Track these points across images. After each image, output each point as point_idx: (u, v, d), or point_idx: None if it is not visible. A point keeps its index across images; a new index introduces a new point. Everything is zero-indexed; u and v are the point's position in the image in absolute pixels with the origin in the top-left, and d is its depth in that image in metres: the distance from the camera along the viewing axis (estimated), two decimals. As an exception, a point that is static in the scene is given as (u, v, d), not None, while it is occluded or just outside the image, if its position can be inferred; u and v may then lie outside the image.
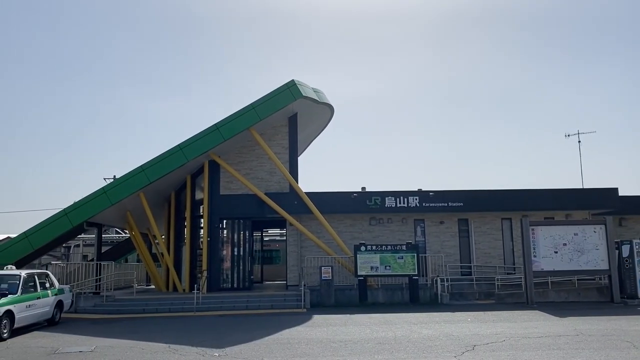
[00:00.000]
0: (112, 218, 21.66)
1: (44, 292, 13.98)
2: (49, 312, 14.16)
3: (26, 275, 13.54)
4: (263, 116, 19.94)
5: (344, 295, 18.73)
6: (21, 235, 19.65)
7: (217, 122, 19.87)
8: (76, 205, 19.71)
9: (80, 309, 17.70)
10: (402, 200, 20.88)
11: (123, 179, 19.74)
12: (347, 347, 10.25)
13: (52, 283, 14.91)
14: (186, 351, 10.00)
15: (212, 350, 9.98)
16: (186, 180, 21.59)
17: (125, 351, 10.09)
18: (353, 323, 13.81)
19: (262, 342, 10.87)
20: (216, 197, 20.96)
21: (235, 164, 21.21)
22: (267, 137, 21.27)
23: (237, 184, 20.99)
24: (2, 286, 12.78)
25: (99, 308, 17.76)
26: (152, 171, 19.44)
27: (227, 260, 21.19)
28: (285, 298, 18.35)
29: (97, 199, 19.33)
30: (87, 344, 10.94)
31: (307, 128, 23.76)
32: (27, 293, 13.16)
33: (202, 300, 17.39)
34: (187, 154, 19.61)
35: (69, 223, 19.21)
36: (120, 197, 19.32)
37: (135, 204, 20.38)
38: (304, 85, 20.59)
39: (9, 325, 11.95)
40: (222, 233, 21.42)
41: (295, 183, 20.81)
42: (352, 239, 20.87)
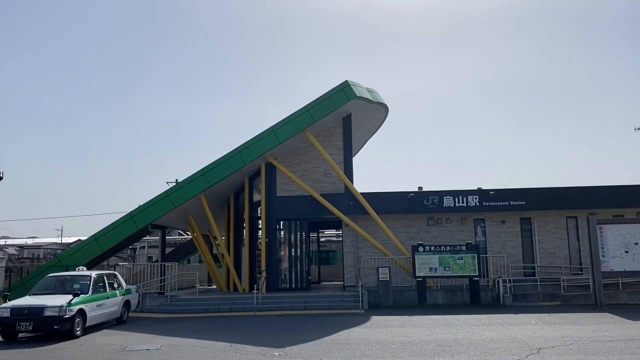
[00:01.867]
0: (175, 220, 22.39)
1: (112, 292, 14.63)
2: (117, 312, 14.80)
3: (96, 276, 14.22)
4: (317, 118, 20.07)
5: (402, 297, 18.55)
6: (91, 238, 20.70)
7: (273, 125, 20.18)
8: (141, 209, 20.54)
9: (146, 308, 18.40)
10: (461, 200, 20.45)
11: (185, 183, 20.39)
12: (407, 348, 10.14)
13: (120, 283, 15.57)
14: (247, 350, 10.20)
15: (272, 350, 10.13)
16: (244, 182, 22.02)
17: (189, 349, 10.40)
18: (412, 324, 13.66)
19: (320, 342, 10.93)
20: (273, 199, 21.27)
21: (290, 166, 21.44)
22: (322, 139, 21.38)
23: (293, 185, 21.22)
24: (75, 286, 13.48)
25: (164, 307, 18.38)
26: (212, 174, 19.98)
27: (285, 260, 21.46)
28: (343, 299, 18.37)
29: (160, 202, 20.07)
30: (153, 342, 11.36)
31: (361, 128, 23.70)
32: (97, 293, 13.79)
33: (262, 300, 17.68)
34: (244, 157, 20.02)
35: (134, 225, 20.05)
36: (182, 200, 19.97)
37: (196, 206, 21.00)
38: (357, 86, 20.57)
39: (81, 323, 12.57)
40: (280, 234, 21.71)
41: (350, 184, 20.81)
42: (410, 239, 20.63)
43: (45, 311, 11.96)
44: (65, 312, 12.00)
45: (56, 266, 19.83)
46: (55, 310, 11.95)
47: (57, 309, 11.96)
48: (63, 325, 11.94)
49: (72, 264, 19.08)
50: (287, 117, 20.24)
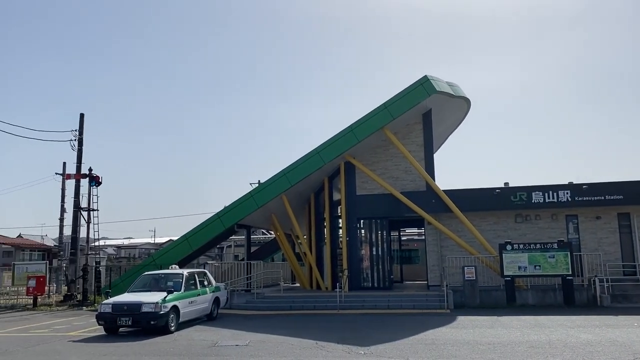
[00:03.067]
0: (258, 220, 23.01)
1: (203, 290, 15.27)
2: (207, 308, 15.42)
3: (188, 274, 14.90)
4: (396, 115, 19.84)
5: (489, 296, 17.93)
6: (182, 238, 21.75)
7: (351, 124, 20.20)
8: (227, 209, 21.31)
9: (234, 305, 19.04)
10: (551, 195, 19.42)
11: (267, 183, 20.91)
12: (496, 349, 9.79)
13: (210, 281, 16.21)
14: (333, 348, 10.28)
15: (357, 348, 10.14)
16: (324, 182, 22.21)
17: (276, 346, 10.64)
18: (501, 325, 13.16)
19: (406, 342, 10.80)
20: (353, 198, 21.28)
21: (370, 164, 21.35)
22: (401, 136, 21.11)
23: (373, 184, 21.12)
24: (168, 284, 14.20)
25: (250, 304, 18.95)
26: (292, 175, 20.34)
27: (367, 259, 21.41)
28: (427, 298, 18.05)
29: (245, 202, 20.73)
30: (242, 339, 11.73)
31: (442, 123, 23.17)
32: (189, 290, 14.44)
33: (345, 298, 17.75)
34: (323, 156, 20.19)
35: (221, 225, 20.84)
36: (265, 200, 20.50)
37: (278, 206, 21.47)
38: (437, 80, 20.11)
39: (175, 319, 13.22)
40: (360, 233, 21.69)
41: (432, 181, 20.40)
42: (496, 237, 19.87)
43: (143, 307, 12.69)
44: (160, 308, 12.68)
45: (151, 265, 21.03)
46: (152, 307, 12.64)
47: (153, 305, 12.65)
48: (159, 321, 12.61)
49: (165, 262, 20.16)
50: (365, 115, 20.18)
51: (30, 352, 10.61)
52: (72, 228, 25.65)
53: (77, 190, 25.23)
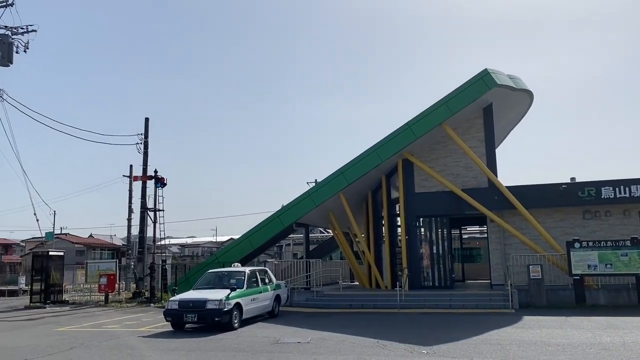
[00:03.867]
0: (316, 218, 23.17)
1: (264, 287, 15.54)
2: (269, 305, 15.68)
3: (249, 272, 15.21)
4: (455, 110, 19.44)
5: (556, 296, 17.26)
6: (243, 237, 22.23)
7: (409, 121, 19.96)
8: (286, 208, 21.60)
9: (294, 302, 19.26)
10: (623, 190, 18.43)
11: (324, 182, 21.01)
12: (566, 351, 9.41)
13: (271, 279, 16.48)
14: (394, 347, 10.20)
15: (419, 348, 10.02)
16: (381, 180, 22.07)
17: (337, 344, 10.69)
18: (570, 326, 12.64)
19: (470, 342, 10.57)
20: (411, 196, 21.02)
21: (429, 161, 21.02)
22: (461, 131, 20.64)
23: (432, 181, 20.78)
24: (231, 281, 14.55)
25: (310, 302, 19.11)
26: (349, 173, 20.33)
27: (427, 258, 21.10)
28: (491, 298, 17.58)
29: (303, 201, 20.93)
30: (303, 336, 11.85)
31: (504, 118, 22.48)
32: (251, 288, 14.73)
33: (405, 297, 17.58)
34: (381, 154, 20.07)
35: (280, 224, 21.14)
36: (322, 198, 20.61)
37: (336, 204, 21.52)
38: (498, 73, 19.54)
39: (238, 316, 13.52)
40: (420, 231, 21.40)
41: (494, 177, 19.84)
42: (563, 234, 19.07)
43: (207, 304, 13.05)
44: (224, 305, 13.00)
45: (214, 263, 21.62)
46: (216, 304, 12.98)
47: (217, 302, 12.99)
48: (223, 318, 12.94)
49: (228, 260, 20.66)
50: (423, 111, 19.88)
51: (104, 347, 11.15)
52: (140, 228, 26.77)
53: (143, 191, 26.29)
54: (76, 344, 11.47)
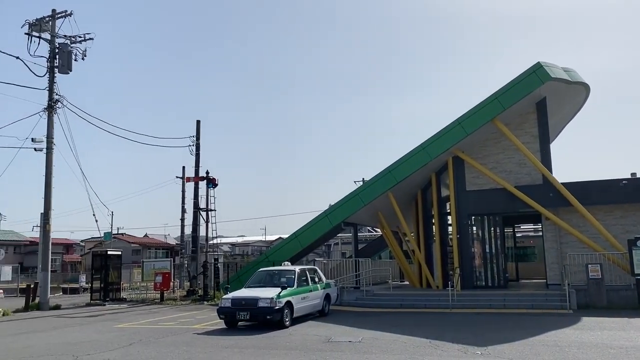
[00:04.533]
0: (365, 217, 23.11)
1: (314, 286, 15.62)
2: (319, 304, 15.75)
3: (299, 271, 15.33)
4: (507, 105, 18.93)
5: (617, 296, 16.54)
6: (292, 236, 22.43)
7: (459, 117, 19.60)
8: (334, 207, 21.64)
9: (344, 302, 19.28)
10: (688, 185, 17.47)
11: (372, 181, 20.92)
12: (630, 354, 9.01)
13: (320, 278, 16.55)
14: (447, 347, 10.05)
15: (473, 348, 9.83)
16: (431, 178, 21.76)
17: (389, 344, 10.62)
18: (633, 327, 12.10)
19: (526, 343, 10.28)
20: (462, 194, 20.62)
21: (480, 158, 20.56)
22: (514, 127, 20.08)
23: (484, 178, 20.31)
24: (282, 280, 14.70)
25: (360, 301, 19.07)
26: (398, 172, 20.16)
27: (479, 257, 20.65)
28: (547, 298, 17.05)
29: (351, 200, 20.91)
30: (354, 335, 11.85)
31: (558, 112, 21.72)
32: (301, 286, 14.84)
33: (457, 297, 17.29)
34: (430, 152, 19.79)
35: (329, 223, 21.21)
36: (371, 198, 20.53)
37: (384, 203, 21.39)
38: (551, 66, 18.89)
39: (289, 314, 13.65)
40: (472, 230, 20.96)
41: (548, 173, 19.20)
42: (624, 232, 18.22)
43: (259, 302, 13.24)
44: (275, 303, 13.15)
45: (264, 262, 21.91)
46: (267, 302, 13.15)
47: (269, 300, 13.16)
48: (274, 316, 13.10)
49: (277, 259, 20.91)
50: (474, 107, 19.47)
51: (161, 343, 11.50)
52: (193, 227, 27.48)
53: (196, 192, 26.98)
54: (135, 340, 11.88)
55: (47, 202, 21.96)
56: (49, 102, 22.09)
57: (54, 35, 22.34)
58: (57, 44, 22.29)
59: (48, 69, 22.17)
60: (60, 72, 22.28)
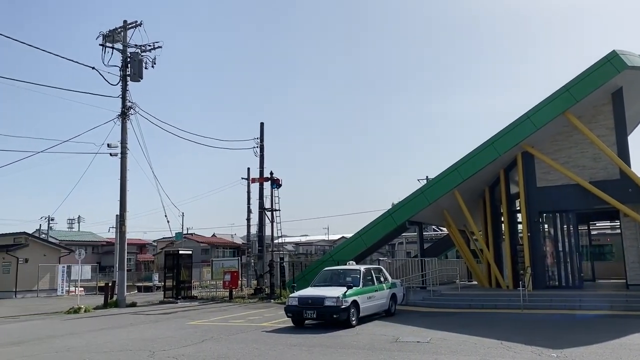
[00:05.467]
0: (430, 216, 22.76)
1: (380, 286, 15.53)
2: (385, 304, 15.64)
3: (365, 270, 15.29)
4: (579, 97, 18.08)
5: None
6: (355, 235, 22.43)
7: (528, 111, 18.92)
8: (398, 206, 21.47)
9: (410, 302, 19.05)
10: None
11: (437, 179, 20.57)
12: None
13: (386, 277, 16.43)
14: (520, 349, 9.72)
15: (548, 351, 9.45)
16: (499, 174, 21.11)
17: (458, 344, 10.40)
18: None
19: (605, 346, 9.77)
20: (533, 190, 19.86)
21: (551, 153, 19.73)
22: (587, 120, 19.13)
23: (555, 174, 19.49)
24: (347, 279, 14.70)
25: (427, 302, 18.80)
26: (464, 169, 19.72)
27: (551, 256, 19.84)
28: (627, 299, 16.16)
29: (415, 199, 20.65)
30: (422, 335, 11.69)
31: (636, 102, 20.47)
32: (367, 286, 14.79)
33: (528, 297, 16.69)
34: (498, 148, 19.22)
35: (393, 222, 21.04)
36: (436, 196, 20.20)
37: (450, 201, 20.97)
38: (628, 54, 17.86)
39: (356, 314, 13.63)
40: (543, 227, 20.16)
41: (627, 167, 18.17)
42: None
43: (325, 301, 13.31)
44: (341, 303, 13.19)
45: (328, 261, 22.03)
46: (333, 301, 13.21)
47: (335, 299, 13.21)
48: (340, 315, 13.13)
49: (341, 258, 20.97)
50: (544, 100, 18.72)
51: (232, 340, 11.82)
52: (258, 227, 28.07)
53: (260, 192, 27.53)
54: (206, 337, 12.27)
55: (122, 204, 23.10)
56: (122, 109, 23.22)
57: (125, 45, 23.46)
58: (128, 54, 23.40)
59: (121, 78, 23.31)
60: (132, 80, 23.37)
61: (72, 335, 13.37)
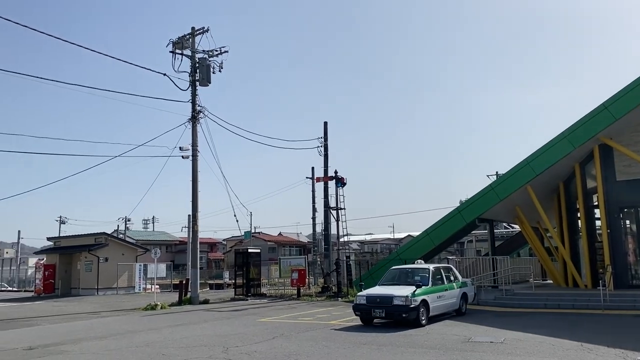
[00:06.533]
0: (501, 213, 22.05)
1: (450, 285, 15.21)
2: (455, 304, 15.31)
3: (434, 269, 15.04)
4: (664, 84, 16.92)
5: None
6: (423, 233, 22.09)
7: (605, 101, 17.93)
8: (467, 203, 20.94)
9: (481, 301, 18.54)
10: None
11: (508, 175, 19.89)
12: None
13: (456, 276, 16.06)
14: (602, 352, 9.22)
15: (634, 354, 8.90)
16: (574, 169, 20.13)
17: (534, 346, 10.02)
18: None
19: (700, 351, 9.10)
20: (612, 184, 18.79)
21: (632, 145, 18.59)
22: (672, 108, 17.87)
23: (637, 167, 18.36)
24: (415, 278, 14.51)
25: (499, 301, 18.22)
26: (537, 163, 18.97)
27: (633, 254, 18.71)
28: None
29: (485, 196, 20.08)
30: (495, 335, 11.34)
31: None
32: (436, 285, 14.52)
33: (610, 297, 15.81)
34: (573, 141, 18.34)
35: (462, 220, 20.55)
36: (507, 192, 19.54)
37: (522, 197, 20.23)
38: None
39: (425, 313, 13.43)
40: (625, 223, 19.03)
41: None
42: None
43: (394, 300, 13.19)
44: (410, 302, 13.02)
45: (395, 259, 21.84)
46: (402, 300, 13.07)
47: (404, 298, 13.06)
48: (410, 314, 12.97)
49: (409, 257, 20.73)
50: (623, 89, 17.67)
51: (302, 337, 11.97)
52: (324, 226, 28.23)
53: (325, 191, 27.65)
54: (277, 334, 12.49)
55: (194, 205, 23.91)
56: (193, 113, 24.01)
57: (194, 51, 24.23)
58: (197, 59, 24.16)
59: (190, 83, 24.10)
60: (200, 85, 24.11)
61: (150, 331, 14.00)
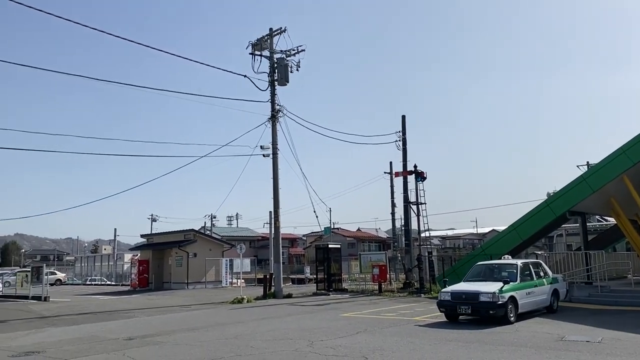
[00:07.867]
0: (594, 205, 20.84)
1: (539, 281, 14.55)
2: (546, 300, 14.63)
3: (522, 265, 14.43)
4: None
5: None
6: (509, 228, 21.28)
7: None
8: (557, 196, 19.95)
9: (574, 298, 17.62)
10: None
11: (602, 164, 18.73)
12: None
13: (546, 272, 15.33)
14: None
15: None
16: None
17: (636, 346, 9.40)
18: None
19: None
20: None
21: None
22: None
23: None
24: (502, 274, 14.01)
25: (594, 298, 17.25)
26: (634, 151, 17.70)
27: None
28: None
29: (576, 187, 19.03)
30: (591, 334, 10.75)
31: None
32: (525, 281, 13.92)
33: None
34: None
35: (552, 213, 19.60)
36: (601, 183, 18.41)
37: (618, 188, 18.99)
38: None
39: (514, 310, 12.94)
40: None
41: None
42: None
43: (480, 297, 12.82)
44: (498, 298, 12.60)
45: (480, 255, 21.19)
46: (489, 296, 12.67)
47: (491, 295, 12.66)
48: (497, 311, 12.56)
49: (494, 252, 20.04)
50: None
51: (385, 333, 11.94)
52: (404, 221, 27.93)
53: (405, 186, 27.35)
54: (360, 329, 12.54)
55: (275, 201, 24.48)
56: (272, 112, 24.57)
57: (272, 51, 24.77)
58: (275, 59, 24.67)
59: (269, 83, 24.66)
60: (279, 85, 24.61)
61: (238, 324, 14.53)
